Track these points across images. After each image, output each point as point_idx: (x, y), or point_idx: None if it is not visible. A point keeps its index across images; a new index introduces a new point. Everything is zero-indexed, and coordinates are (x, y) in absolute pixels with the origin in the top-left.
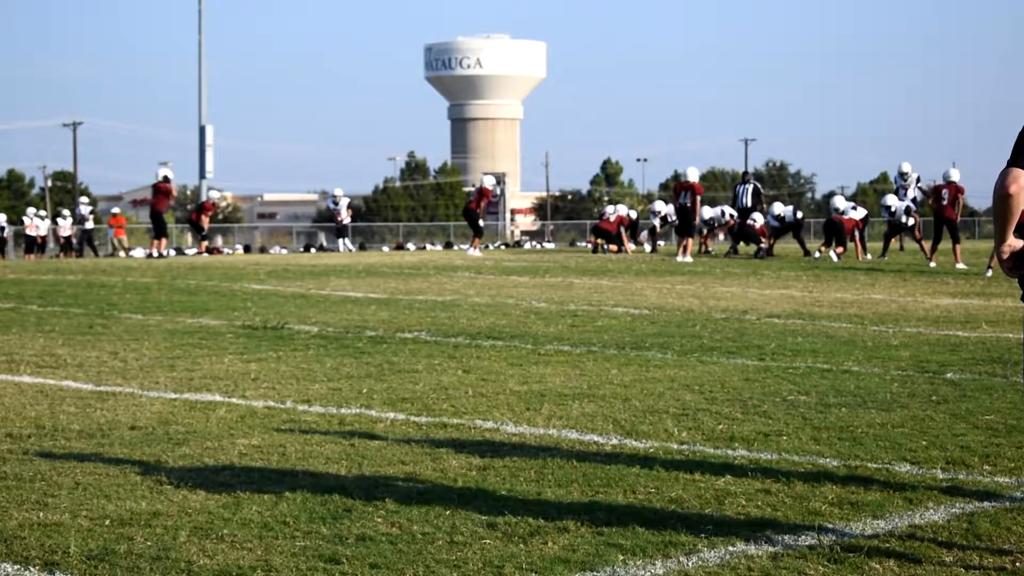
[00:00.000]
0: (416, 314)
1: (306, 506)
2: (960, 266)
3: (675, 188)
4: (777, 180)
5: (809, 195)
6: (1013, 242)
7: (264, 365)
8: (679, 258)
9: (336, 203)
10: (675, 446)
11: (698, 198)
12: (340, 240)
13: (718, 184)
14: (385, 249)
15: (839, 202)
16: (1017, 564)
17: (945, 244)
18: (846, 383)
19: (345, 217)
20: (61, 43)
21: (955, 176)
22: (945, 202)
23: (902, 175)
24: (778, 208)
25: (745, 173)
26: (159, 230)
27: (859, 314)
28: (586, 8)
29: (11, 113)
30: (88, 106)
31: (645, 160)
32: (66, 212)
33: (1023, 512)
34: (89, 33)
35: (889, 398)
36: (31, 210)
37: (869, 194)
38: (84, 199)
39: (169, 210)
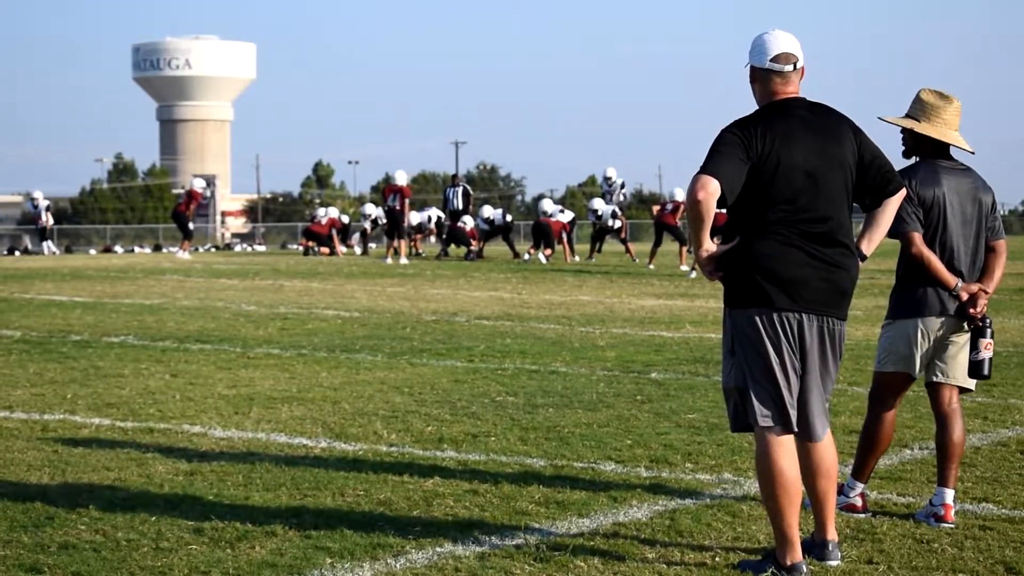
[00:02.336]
0: (123, 318)
1: (6, 515)
2: (684, 268)
3: (384, 191)
4: (488, 183)
5: (519, 198)
6: (709, 246)
7: None
8: (388, 260)
9: (36, 206)
10: (384, 448)
11: (407, 201)
12: (45, 243)
13: (429, 187)
14: (92, 252)
15: (547, 205)
16: (717, 559)
17: (670, 247)
18: (554, 384)
19: (46, 219)
20: None
21: (680, 196)
22: (668, 210)
23: (607, 180)
24: (488, 211)
25: (455, 176)
26: None
27: (567, 315)
28: (296, 10)
29: None
30: None
31: (356, 163)
32: None
33: (723, 508)
34: None
35: (595, 398)
36: None
37: (577, 197)
38: None
39: None
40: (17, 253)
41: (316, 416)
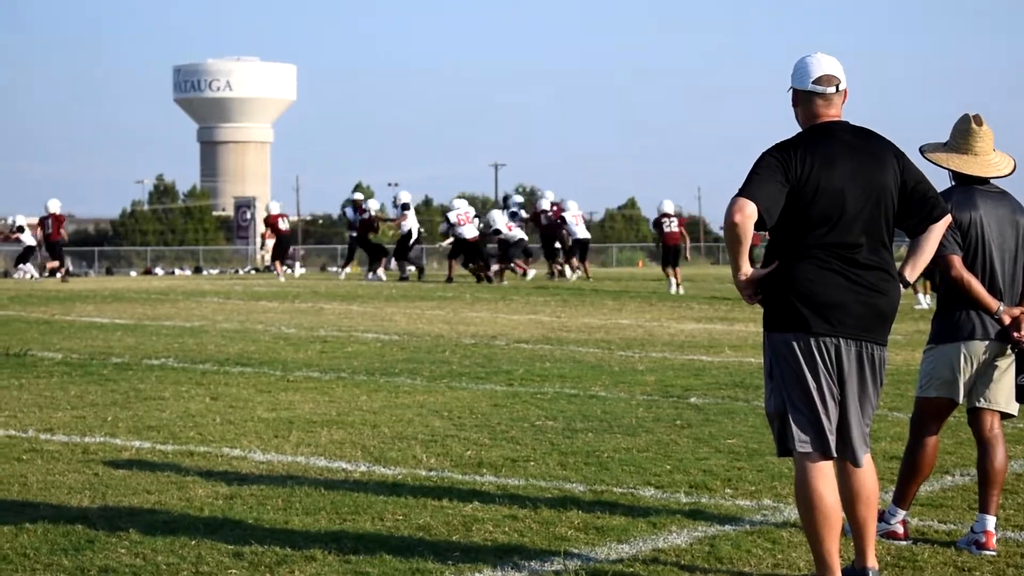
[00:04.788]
0: (163, 340)
1: (47, 537)
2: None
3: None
4: (527, 205)
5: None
6: (747, 269)
7: (5, 393)
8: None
9: (22, 228)
10: (423, 472)
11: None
12: (27, 264)
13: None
14: (133, 274)
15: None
16: None
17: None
18: (593, 408)
19: (30, 239)
20: None
21: None
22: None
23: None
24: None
25: (507, 197)
26: None
27: (606, 339)
28: (336, 31)
29: None
30: None
31: (396, 184)
32: None
33: (763, 535)
34: None
35: (635, 423)
36: None
37: (617, 220)
38: None
39: None
40: (58, 276)
41: (355, 440)
